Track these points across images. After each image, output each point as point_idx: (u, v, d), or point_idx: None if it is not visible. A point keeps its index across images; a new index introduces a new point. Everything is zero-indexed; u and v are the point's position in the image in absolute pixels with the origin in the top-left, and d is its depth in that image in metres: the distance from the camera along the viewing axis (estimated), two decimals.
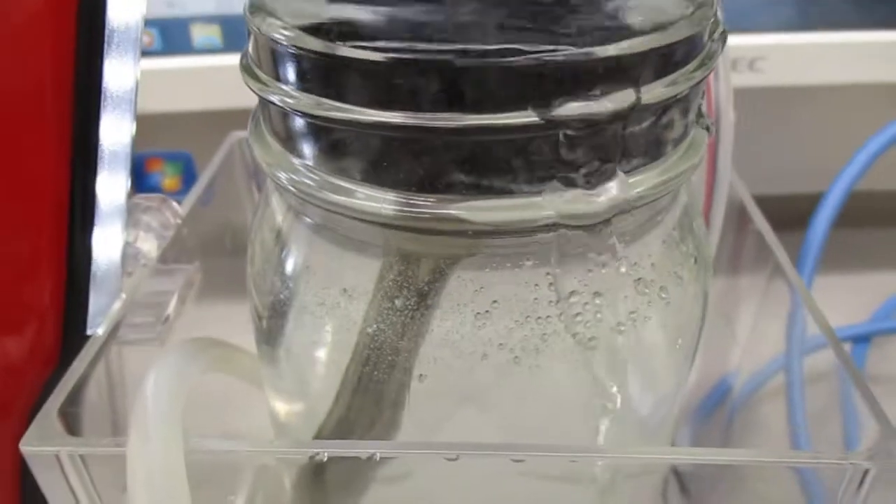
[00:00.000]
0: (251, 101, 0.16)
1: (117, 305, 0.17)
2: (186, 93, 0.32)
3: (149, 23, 0.32)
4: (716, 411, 0.25)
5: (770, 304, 0.23)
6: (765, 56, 0.32)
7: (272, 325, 0.17)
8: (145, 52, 0.32)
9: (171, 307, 0.19)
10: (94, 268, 0.15)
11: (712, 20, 0.14)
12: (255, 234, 0.18)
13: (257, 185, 0.28)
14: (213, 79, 0.32)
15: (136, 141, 0.34)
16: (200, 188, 0.22)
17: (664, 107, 0.14)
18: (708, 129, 0.16)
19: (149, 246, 0.18)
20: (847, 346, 0.32)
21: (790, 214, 0.29)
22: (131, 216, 0.18)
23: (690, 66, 0.14)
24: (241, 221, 0.27)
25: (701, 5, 0.14)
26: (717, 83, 0.21)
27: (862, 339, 0.32)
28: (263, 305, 0.17)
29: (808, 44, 0.32)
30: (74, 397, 0.15)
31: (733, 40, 0.33)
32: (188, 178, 0.35)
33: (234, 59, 0.15)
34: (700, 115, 0.16)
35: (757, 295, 0.23)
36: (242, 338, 0.19)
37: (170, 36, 0.32)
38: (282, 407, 0.19)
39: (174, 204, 0.20)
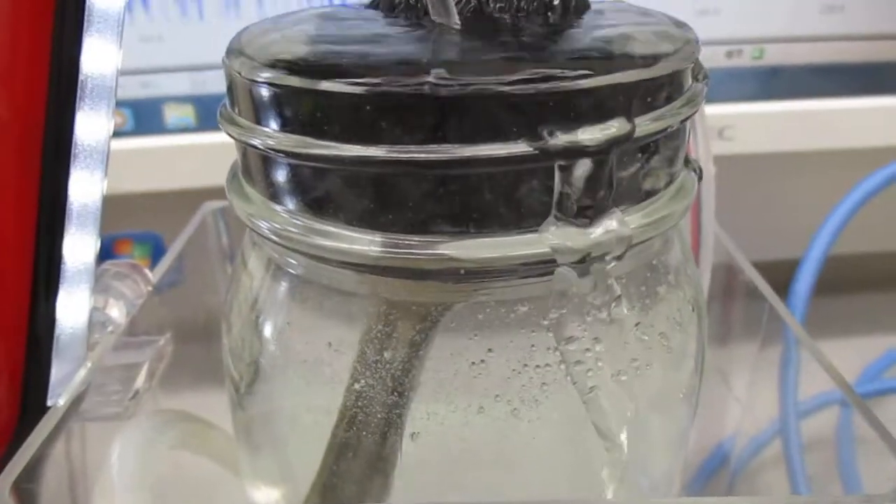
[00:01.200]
0: (224, 178, 0.16)
1: (81, 374, 0.15)
2: (158, 172, 0.32)
3: (122, 103, 0.31)
4: (713, 478, 0.24)
5: (764, 362, 0.23)
6: (733, 125, 0.33)
7: (251, 392, 0.16)
8: (117, 133, 0.32)
9: (139, 380, 0.17)
10: (57, 332, 0.14)
11: (696, 61, 0.14)
12: (230, 300, 0.17)
13: (231, 263, 0.27)
14: (186, 157, 0.32)
15: (105, 222, 0.33)
16: (173, 255, 0.21)
17: (654, 145, 0.13)
18: (696, 172, 0.15)
19: (118, 314, 0.17)
20: (835, 411, 0.32)
21: (770, 282, 0.29)
22: (101, 282, 0.17)
23: (677, 103, 0.13)
24: (215, 303, 0.26)
25: (686, 42, 0.14)
26: (695, 138, 0.21)
27: (848, 403, 0.31)
28: (241, 373, 0.16)
29: (775, 112, 0.33)
30: (31, 472, 0.13)
31: (706, 110, 0.34)
32: (157, 259, 0.34)
33: (207, 138, 0.15)
34: (688, 159, 0.16)
35: (750, 354, 0.23)
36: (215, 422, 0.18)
37: (143, 116, 0.32)
38: (260, 490, 0.17)
39: (146, 271, 0.19)
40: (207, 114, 0.32)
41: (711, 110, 0.33)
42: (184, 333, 0.22)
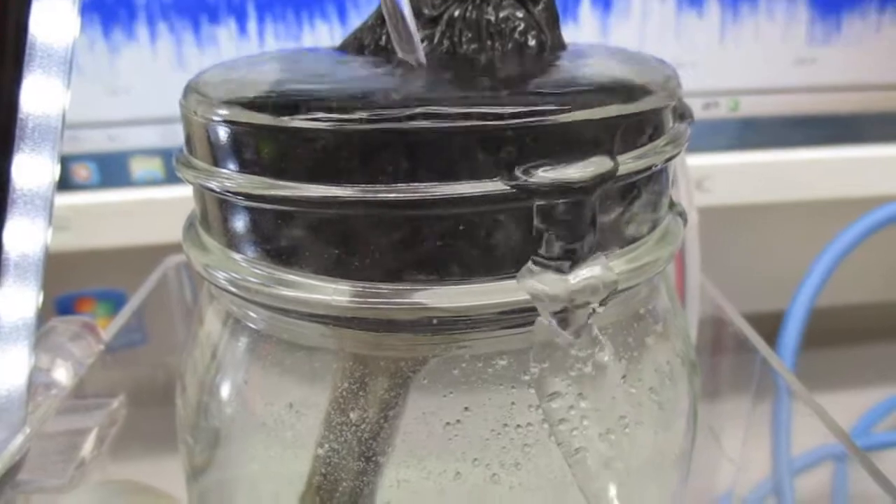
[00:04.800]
0: None
1: (18, 441, 0.14)
2: (124, 227, 0.31)
3: (86, 157, 0.31)
4: None
5: (756, 417, 0.22)
6: (711, 175, 0.32)
7: (206, 459, 0.14)
8: (81, 186, 0.31)
9: (86, 448, 0.16)
10: None
11: (678, 102, 0.14)
12: (185, 360, 0.15)
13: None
14: (153, 212, 0.31)
15: (68, 279, 0.32)
16: (129, 311, 0.20)
17: (637, 186, 0.13)
18: (681, 216, 0.15)
19: (65, 375, 0.16)
20: (829, 466, 0.30)
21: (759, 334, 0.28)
22: (47, 340, 0.16)
23: (660, 141, 0.13)
24: (176, 363, 0.25)
25: (667, 80, 0.13)
26: (678, 186, 0.20)
27: (840, 458, 0.30)
28: (195, 438, 0.15)
29: (752, 163, 0.33)
30: None
31: None
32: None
33: (176, 192, 0.14)
34: (673, 203, 0.15)
35: (740, 409, 0.22)
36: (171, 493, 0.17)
37: (109, 169, 0.31)
38: None
39: (99, 329, 0.18)
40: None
41: (689, 162, 0.32)
42: (142, 396, 0.20)
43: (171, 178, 0.31)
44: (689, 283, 0.20)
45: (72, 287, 0.33)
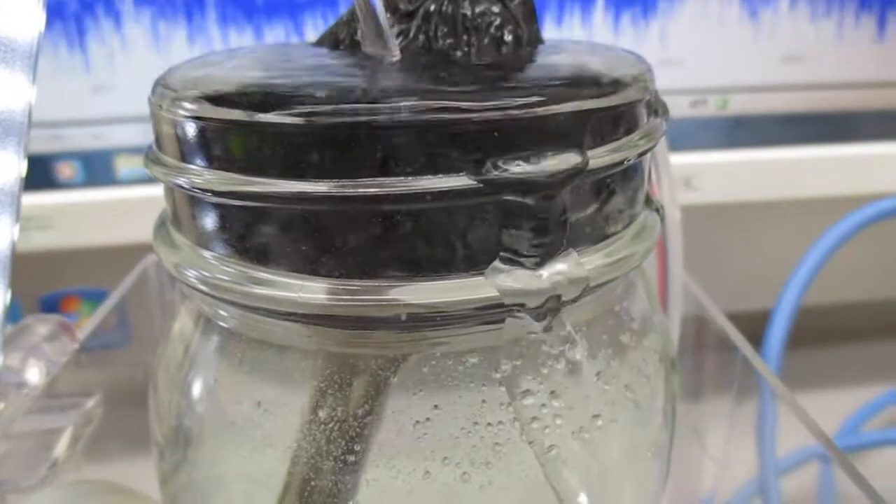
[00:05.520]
0: None
1: None
2: (110, 225, 0.31)
3: (71, 155, 0.30)
4: None
5: (740, 417, 0.22)
6: (699, 174, 0.32)
7: (178, 459, 0.14)
8: (66, 185, 0.31)
9: (59, 447, 0.16)
10: None
11: (653, 97, 0.14)
12: (158, 358, 0.15)
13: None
14: (139, 210, 0.30)
15: (54, 278, 0.32)
16: (105, 310, 0.19)
17: (611, 181, 0.13)
18: (658, 212, 0.14)
19: (37, 375, 0.16)
20: (816, 466, 0.30)
21: (744, 333, 0.28)
22: (19, 340, 0.16)
23: (635, 136, 0.13)
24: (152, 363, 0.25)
25: (643, 73, 0.13)
26: (660, 184, 0.20)
27: (828, 459, 0.30)
28: (166, 437, 0.14)
29: (740, 161, 0.33)
30: None
31: (671, 159, 0.34)
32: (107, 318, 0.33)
33: (162, 190, 0.14)
34: (650, 199, 0.15)
35: (724, 409, 0.22)
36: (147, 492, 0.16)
37: (94, 167, 0.31)
38: None
39: (74, 328, 0.17)
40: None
41: (677, 160, 0.32)
42: (119, 395, 0.20)
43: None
44: (672, 281, 0.20)
45: (57, 286, 0.33)
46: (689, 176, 0.32)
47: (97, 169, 0.31)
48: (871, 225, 0.28)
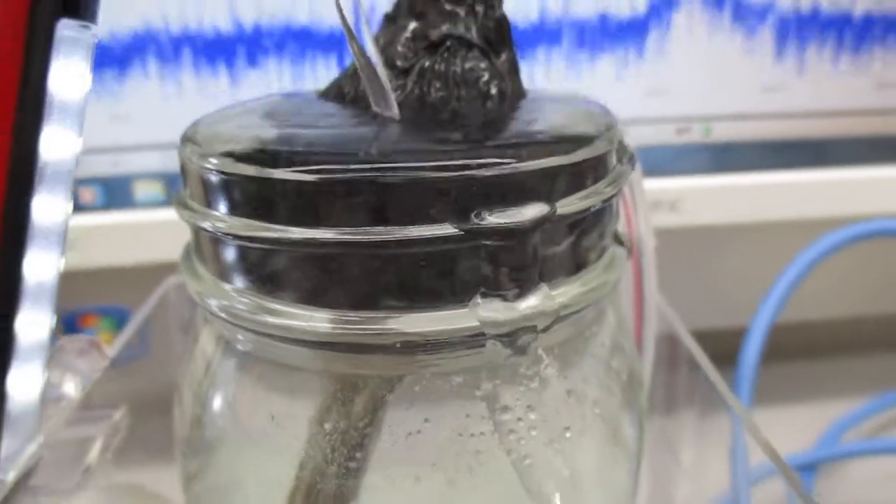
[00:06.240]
0: None
1: (31, 449, 0.16)
2: (127, 246, 0.32)
3: (91, 181, 0.32)
4: None
5: (714, 431, 0.23)
6: (684, 198, 0.34)
7: (200, 465, 0.16)
8: (86, 208, 0.33)
9: (92, 455, 0.18)
10: (8, 408, 0.15)
11: (620, 145, 0.16)
12: (183, 373, 0.17)
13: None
14: (155, 232, 0.32)
15: (73, 296, 0.34)
16: (133, 328, 0.21)
17: (582, 222, 0.14)
18: (626, 246, 0.16)
19: (73, 389, 0.17)
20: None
21: (721, 349, 0.30)
22: (56, 358, 0.18)
23: (602, 184, 0.14)
24: (175, 376, 0.27)
25: (609, 127, 0.15)
26: (636, 215, 0.22)
27: (807, 468, 0.32)
28: (190, 445, 0.16)
29: (723, 185, 0.35)
30: None
31: (656, 183, 0.36)
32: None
33: (175, 213, 0.16)
34: (618, 235, 0.17)
35: (698, 425, 0.23)
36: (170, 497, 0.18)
37: (113, 192, 0.33)
38: None
39: (104, 347, 0.19)
40: (176, 190, 0.33)
41: (663, 184, 0.34)
42: (143, 407, 0.22)
43: (171, 200, 0.33)
44: (647, 303, 0.22)
45: (76, 303, 0.35)
46: (675, 199, 0.34)
47: (116, 193, 0.33)
48: (845, 247, 0.30)
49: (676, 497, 0.24)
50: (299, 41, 0.32)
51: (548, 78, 0.34)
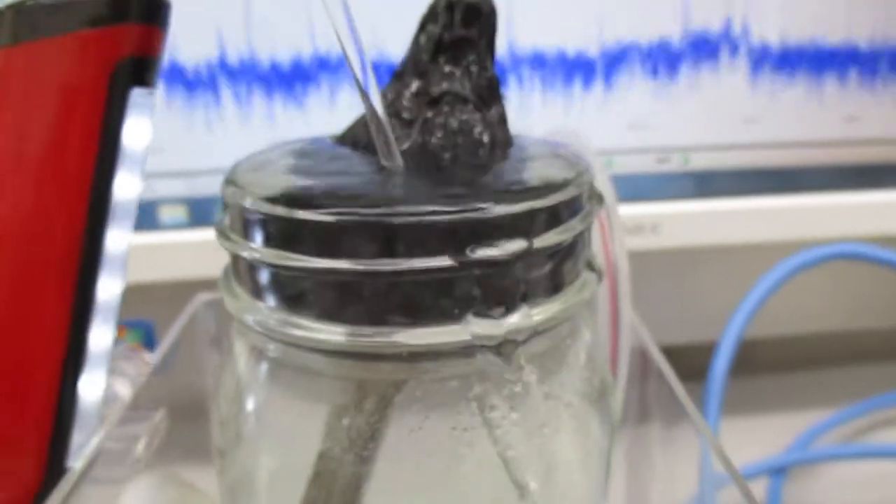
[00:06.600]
0: (213, 271, 0.19)
1: (95, 443, 0.18)
2: (153, 265, 0.35)
3: None
4: None
5: (683, 441, 0.26)
6: (663, 222, 0.37)
7: (234, 457, 0.19)
8: None
9: (139, 448, 0.20)
10: (79, 408, 0.18)
11: (589, 187, 0.18)
12: (218, 379, 0.20)
13: (218, 349, 0.30)
14: (178, 252, 0.35)
15: None
16: (170, 340, 0.24)
17: (557, 252, 0.17)
18: (594, 270, 0.19)
19: (124, 390, 0.20)
20: (764, 480, 0.35)
21: (699, 363, 0.33)
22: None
23: (574, 221, 0.17)
24: (202, 385, 0.29)
25: (581, 173, 0.18)
26: (613, 241, 0.25)
27: (777, 472, 0.35)
28: (226, 440, 0.19)
29: (700, 210, 0.38)
30: None
31: (638, 208, 0.38)
32: (148, 345, 0.38)
33: (198, 235, 0.19)
34: (591, 262, 0.19)
35: (670, 433, 0.26)
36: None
37: (140, 215, 0.35)
38: None
39: (144, 354, 0.22)
40: (199, 213, 0.36)
41: (645, 209, 0.37)
42: (175, 412, 0.25)
43: (193, 223, 0.36)
44: (622, 320, 0.25)
45: None
46: (656, 223, 0.37)
47: (143, 216, 0.36)
48: (808, 268, 0.33)
49: (650, 499, 0.26)
50: (296, 78, 0.35)
51: (544, 105, 0.37)
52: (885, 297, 0.44)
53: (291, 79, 0.35)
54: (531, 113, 0.37)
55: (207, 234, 0.38)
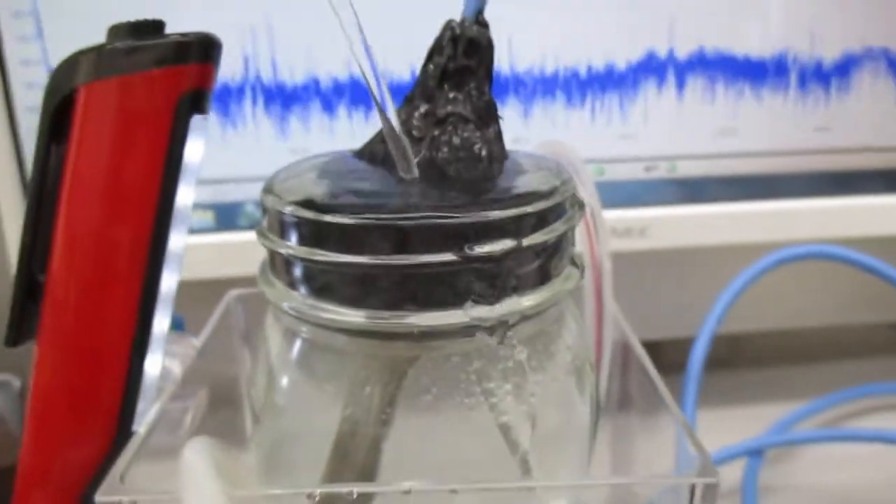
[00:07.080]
0: (238, 271, 0.22)
1: (154, 411, 0.22)
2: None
3: None
4: None
5: (662, 425, 0.28)
6: (651, 225, 0.40)
7: (269, 423, 0.22)
8: None
9: (188, 420, 0.24)
10: (144, 382, 0.21)
11: (572, 196, 0.22)
12: (255, 358, 0.23)
13: (247, 340, 0.33)
14: (205, 253, 0.39)
15: None
16: (209, 329, 0.27)
17: (544, 250, 0.21)
18: (578, 267, 0.22)
19: (175, 368, 0.24)
20: (742, 461, 0.38)
21: (683, 356, 0.36)
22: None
23: (558, 224, 0.21)
24: (233, 373, 0.32)
25: (564, 183, 0.21)
26: (598, 241, 0.28)
27: (754, 454, 0.38)
28: (262, 409, 0.23)
29: (686, 214, 0.41)
30: (123, 476, 0.20)
31: (627, 213, 0.42)
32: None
33: (223, 237, 0.22)
34: (574, 259, 0.23)
35: (652, 418, 0.28)
36: None
37: None
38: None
39: (190, 338, 0.26)
40: (224, 217, 0.40)
41: (634, 213, 0.40)
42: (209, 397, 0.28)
43: (219, 227, 0.40)
44: (606, 313, 0.28)
45: None
46: (644, 227, 0.40)
47: None
48: (778, 267, 0.36)
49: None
50: (291, 98, 0.38)
51: (544, 117, 0.40)
52: (862, 295, 0.47)
53: (306, 98, 0.38)
54: (531, 124, 0.40)
55: (233, 237, 0.42)
